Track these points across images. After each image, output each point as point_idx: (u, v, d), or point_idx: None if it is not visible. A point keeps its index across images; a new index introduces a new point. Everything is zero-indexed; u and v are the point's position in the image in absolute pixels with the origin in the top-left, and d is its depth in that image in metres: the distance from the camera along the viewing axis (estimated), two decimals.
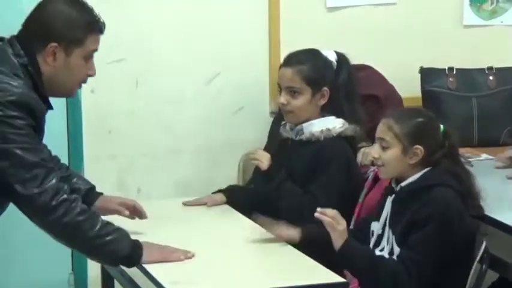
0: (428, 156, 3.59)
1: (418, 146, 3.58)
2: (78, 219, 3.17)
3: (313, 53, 4.17)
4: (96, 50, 3.35)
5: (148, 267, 3.33)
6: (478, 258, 3.63)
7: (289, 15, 5.03)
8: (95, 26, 3.32)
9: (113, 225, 3.30)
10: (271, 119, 4.77)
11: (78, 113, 4.87)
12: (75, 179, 3.77)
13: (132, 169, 4.93)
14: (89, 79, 4.58)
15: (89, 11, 3.36)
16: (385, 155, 3.61)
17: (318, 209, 3.53)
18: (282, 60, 4.27)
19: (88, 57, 3.32)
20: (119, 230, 3.30)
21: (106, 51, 4.64)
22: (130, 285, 3.78)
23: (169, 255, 3.40)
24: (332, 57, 4.17)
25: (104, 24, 3.35)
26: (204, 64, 5.01)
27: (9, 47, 3.23)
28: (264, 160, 4.05)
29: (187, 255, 3.41)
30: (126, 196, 4.73)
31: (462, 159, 3.74)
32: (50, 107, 3.31)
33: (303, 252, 3.53)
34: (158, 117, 5.00)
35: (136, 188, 4.90)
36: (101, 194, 3.79)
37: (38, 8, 3.31)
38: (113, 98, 4.92)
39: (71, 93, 3.45)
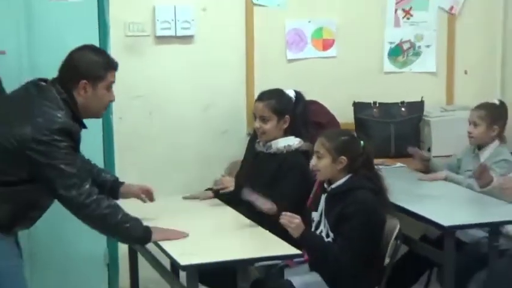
0: (352, 163, 3.61)
1: (343, 157, 3.61)
2: (105, 212, 3.16)
3: (278, 91, 4.18)
4: (114, 81, 3.30)
5: (161, 243, 3.33)
6: (394, 236, 3.66)
7: (261, 64, 5.01)
8: (112, 65, 3.29)
9: (130, 215, 3.27)
10: (248, 139, 4.71)
11: (111, 134, 4.84)
12: (103, 174, 3.75)
13: (148, 174, 4.84)
14: (118, 110, 4.71)
15: (105, 54, 3.38)
16: (320, 163, 3.65)
17: (281, 217, 3.54)
18: (255, 96, 4.25)
19: (109, 88, 3.28)
20: (135, 219, 3.28)
21: (128, 90, 4.73)
22: (149, 257, 3.82)
23: (170, 235, 3.38)
24: (292, 94, 4.18)
25: (117, 63, 3.32)
26: (200, 99, 4.98)
27: (53, 87, 3.18)
28: (229, 184, 4.00)
29: (183, 235, 3.40)
30: None
31: (376, 166, 3.75)
32: (85, 127, 3.27)
33: (273, 233, 3.52)
34: (166, 138, 4.96)
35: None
36: (123, 182, 3.78)
37: (70, 57, 3.27)
38: (135, 124, 4.89)
39: (99, 115, 3.38)
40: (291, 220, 3.52)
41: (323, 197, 3.70)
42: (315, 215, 3.72)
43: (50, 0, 4.66)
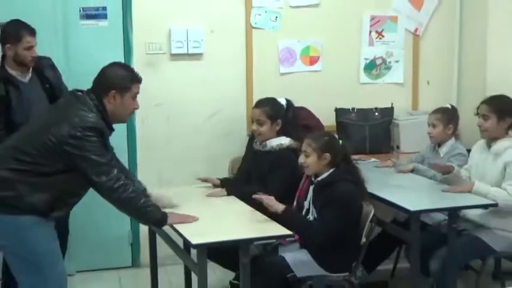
0: (334, 159, 3.60)
1: (326, 154, 3.60)
2: (131, 195, 3.13)
3: (272, 99, 4.15)
4: (138, 92, 3.27)
5: (176, 226, 3.31)
6: (369, 219, 3.66)
7: (258, 77, 4.96)
8: (136, 78, 3.27)
9: (151, 201, 3.29)
10: (247, 139, 4.72)
11: (134, 135, 4.83)
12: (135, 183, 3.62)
13: (166, 169, 4.87)
14: (140, 115, 4.69)
15: (132, 69, 3.36)
16: (307, 160, 3.63)
17: (258, 196, 3.53)
18: (254, 104, 4.24)
19: (134, 97, 3.26)
20: (154, 204, 3.28)
21: (149, 98, 4.69)
22: (166, 237, 3.78)
23: (183, 219, 3.36)
24: (283, 102, 4.16)
25: (141, 77, 3.29)
26: (208, 106, 4.94)
27: (87, 95, 3.17)
28: (221, 194, 3.91)
29: (194, 219, 3.38)
30: (162, 183, 4.70)
31: (353, 161, 3.75)
32: (113, 130, 3.26)
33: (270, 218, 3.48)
34: (181, 139, 4.94)
35: (168, 179, 4.85)
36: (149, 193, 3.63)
37: (102, 71, 3.25)
38: (154, 127, 4.87)
39: (125, 121, 3.36)
40: (268, 197, 3.50)
41: (311, 188, 3.68)
42: (305, 204, 3.70)
43: (82, 25, 4.68)
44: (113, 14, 4.71)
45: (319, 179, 3.64)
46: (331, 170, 3.62)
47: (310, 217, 3.62)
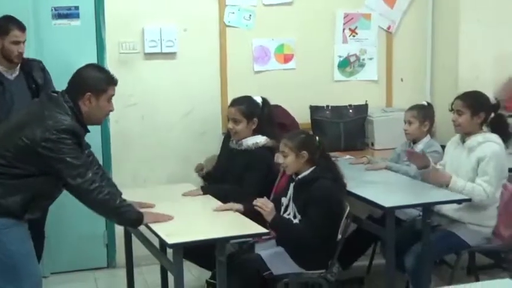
0: (312, 156, 3.61)
1: (304, 151, 3.61)
2: (106, 197, 3.11)
3: (247, 98, 4.15)
4: (113, 94, 3.25)
5: (152, 226, 3.29)
6: (345, 215, 3.67)
7: (232, 76, 4.95)
8: (112, 80, 3.25)
9: (126, 201, 3.24)
10: (223, 137, 4.69)
11: (108, 135, 4.81)
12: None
13: (141, 167, 4.85)
14: (114, 114, 4.45)
15: (107, 72, 3.32)
16: (286, 160, 3.63)
17: (254, 201, 3.49)
18: (229, 102, 4.22)
19: (109, 100, 3.24)
20: (130, 205, 3.25)
21: (125, 99, 4.73)
22: (141, 237, 3.75)
23: (159, 217, 3.34)
24: (259, 100, 4.15)
25: (117, 79, 3.27)
26: (182, 105, 4.92)
27: (62, 97, 3.15)
28: (196, 193, 3.86)
29: (169, 218, 3.35)
30: (136, 182, 4.69)
31: (332, 157, 3.77)
32: (88, 131, 3.25)
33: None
34: (156, 138, 4.92)
35: (143, 178, 4.84)
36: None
37: (77, 73, 3.23)
38: (128, 126, 4.84)
39: (100, 123, 3.35)
40: (266, 205, 3.49)
41: (291, 185, 3.68)
42: (284, 200, 3.70)
43: (54, 24, 4.64)
44: (85, 14, 4.67)
45: (300, 176, 3.65)
46: (312, 168, 3.63)
47: (291, 213, 3.62)
